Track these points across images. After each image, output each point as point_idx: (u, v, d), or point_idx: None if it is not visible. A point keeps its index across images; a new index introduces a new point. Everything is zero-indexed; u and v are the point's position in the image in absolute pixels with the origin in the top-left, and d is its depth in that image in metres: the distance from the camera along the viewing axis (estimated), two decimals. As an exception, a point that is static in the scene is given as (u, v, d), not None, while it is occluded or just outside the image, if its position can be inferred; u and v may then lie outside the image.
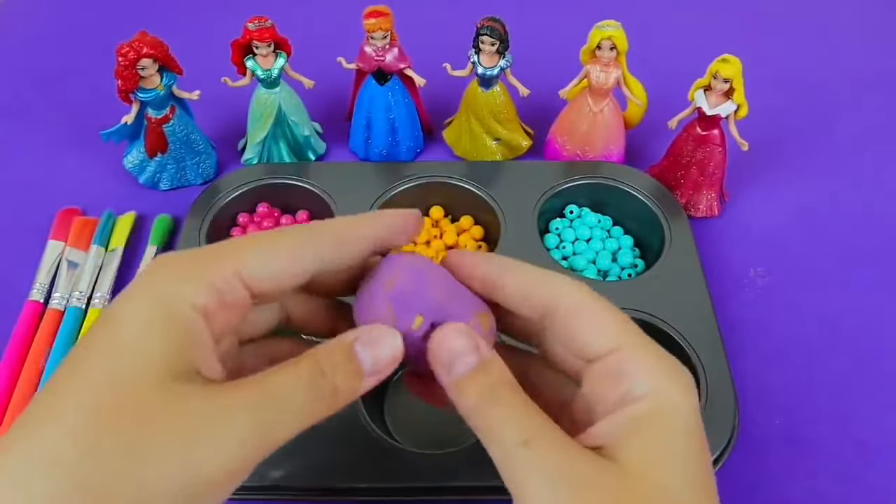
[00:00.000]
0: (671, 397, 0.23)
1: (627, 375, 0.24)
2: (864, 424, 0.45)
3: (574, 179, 0.54)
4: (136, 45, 0.50)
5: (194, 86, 0.54)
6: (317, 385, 0.23)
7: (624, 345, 0.24)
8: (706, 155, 0.53)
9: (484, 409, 0.24)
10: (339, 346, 0.24)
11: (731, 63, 0.49)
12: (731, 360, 0.45)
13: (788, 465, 0.44)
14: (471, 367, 0.24)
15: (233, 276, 0.23)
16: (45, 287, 0.50)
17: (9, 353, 0.46)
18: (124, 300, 0.23)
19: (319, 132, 0.61)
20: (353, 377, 0.24)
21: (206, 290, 0.23)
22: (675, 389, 0.23)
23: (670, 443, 0.23)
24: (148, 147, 0.55)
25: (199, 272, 0.23)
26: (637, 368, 0.24)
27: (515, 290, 0.26)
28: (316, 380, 0.23)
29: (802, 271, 0.53)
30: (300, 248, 0.25)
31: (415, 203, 0.54)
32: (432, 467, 0.39)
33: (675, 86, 0.54)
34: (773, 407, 0.46)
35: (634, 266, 0.52)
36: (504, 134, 0.58)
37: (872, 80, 0.68)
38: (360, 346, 0.24)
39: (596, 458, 0.22)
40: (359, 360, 0.24)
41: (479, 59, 0.54)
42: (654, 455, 0.22)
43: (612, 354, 0.24)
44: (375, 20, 0.52)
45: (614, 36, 0.51)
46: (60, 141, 0.62)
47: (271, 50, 0.53)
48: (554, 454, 0.22)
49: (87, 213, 0.56)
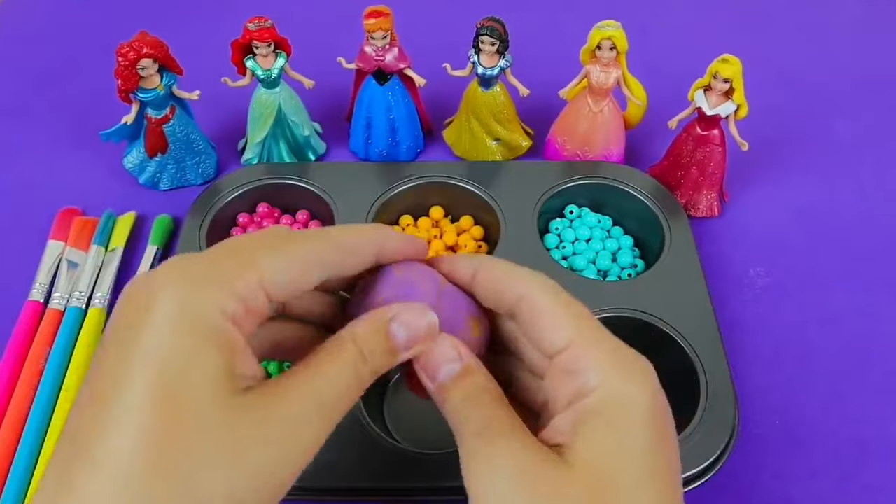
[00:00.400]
0: (622, 389, 0.23)
1: (580, 371, 0.24)
2: (864, 424, 0.45)
3: (574, 179, 0.54)
4: (136, 45, 0.50)
5: (194, 86, 0.54)
6: (359, 373, 0.24)
7: (577, 340, 0.25)
8: (706, 155, 0.53)
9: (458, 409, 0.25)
10: (377, 328, 0.25)
11: (731, 63, 0.49)
12: (731, 360, 0.45)
13: (788, 465, 0.44)
14: (453, 373, 0.25)
15: (256, 285, 0.23)
16: (45, 287, 0.50)
17: (9, 353, 0.46)
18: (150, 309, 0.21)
19: (319, 132, 0.61)
20: (388, 356, 0.25)
21: (234, 299, 0.22)
22: (626, 381, 0.24)
23: (620, 435, 0.23)
24: (148, 147, 0.55)
25: (225, 280, 0.23)
26: (588, 363, 0.24)
27: (486, 286, 0.27)
28: (358, 368, 0.24)
29: (802, 271, 0.53)
30: (312, 256, 0.25)
31: (415, 203, 0.54)
32: (432, 467, 0.39)
33: (675, 86, 0.54)
34: (773, 407, 0.46)
35: (634, 266, 0.52)
36: (504, 134, 0.58)
37: (872, 80, 0.68)
38: (396, 325, 0.25)
39: (544, 451, 0.23)
40: (395, 340, 0.25)
41: (479, 59, 0.54)
42: (600, 447, 0.23)
43: (567, 350, 0.25)
44: (375, 20, 0.52)
45: (614, 36, 0.51)
46: (60, 141, 0.62)
47: (271, 50, 0.53)
48: (503, 446, 0.23)
49: (87, 213, 0.56)
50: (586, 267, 0.51)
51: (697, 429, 0.41)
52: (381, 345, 0.25)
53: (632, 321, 0.46)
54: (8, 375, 0.45)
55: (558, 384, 0.25)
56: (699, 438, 0.40)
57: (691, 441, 0.40)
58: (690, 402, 0.42)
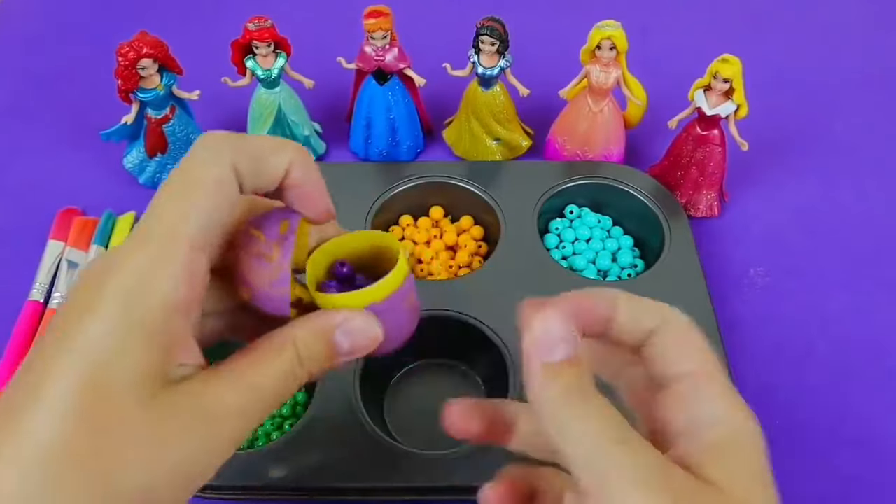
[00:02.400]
0: (748, 425, 0.24)
1: (705, 400, 0.24)
2: (864, 424, 0.45)
3: (574, 179, 0.54)
4: (136, 45, 0.50)
5: (194, 86, 0.54)
6: (295, 375, 0.24)
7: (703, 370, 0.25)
8: (706, 155, 0.53)
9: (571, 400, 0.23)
10: (321, 335, 0.25)
11: (731, 63, 0.49)
12: (731, 359, 0.45)
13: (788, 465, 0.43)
14: (567, 355, 0.24)
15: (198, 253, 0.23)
16: (45, 287, 0.50)
17: (9, 353, 0.46)
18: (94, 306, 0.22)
19: (319, 132, 0.61)
20: (327, 362, 0.25)
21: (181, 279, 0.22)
22: (749, 419, 0.25)
23: (748, 463, 0.24)
24: (148, 147, 0.55)
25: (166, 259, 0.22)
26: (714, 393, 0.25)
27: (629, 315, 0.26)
28: (295, 370, 0.24)
29: (802, 271, 0.53)
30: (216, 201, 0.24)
31: (415, 203, 0.54)
32: (432, 467, 0.39)
33: (675, 86, 0.54)
34: (773, 407, 0.46)
35: (634, 266, 0.52)
36: (504, 134, 0.58)
37: (872, 80, 0.68)
38: (341, 334, 0.25)
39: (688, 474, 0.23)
40: (337, 348, 0.25)
41: (479, 59, 0.54)
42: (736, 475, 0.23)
43: (691, 377, 0.25)
44: (375, 20, 0.52)
45: (614, 36, 0.51)
46: (60, 141, 0.62)
47: (271, 50, 0.53)
48: (653, 459, 0.22)
49: (87, 213, 0.56)
50: (586, 267, 0.51)
51: (697, 429, 0.41)
52: (321, 352, 0.25)
53: (632, 321, 0.46)
54: (8, 375, 0.45)
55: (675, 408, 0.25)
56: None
57: (691, 441, 0.40)
58: (690, 402, 0.42)
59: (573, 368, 0.24)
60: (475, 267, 0.51)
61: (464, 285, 0.48)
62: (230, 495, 0.39)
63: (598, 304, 0.26)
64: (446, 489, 0.39)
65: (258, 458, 0.39)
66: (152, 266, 0.22)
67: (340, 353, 0.25)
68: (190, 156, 0.24)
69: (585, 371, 0.24)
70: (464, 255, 0.52)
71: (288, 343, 0.24)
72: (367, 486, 0.39)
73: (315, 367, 0.25)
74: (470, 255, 0.52)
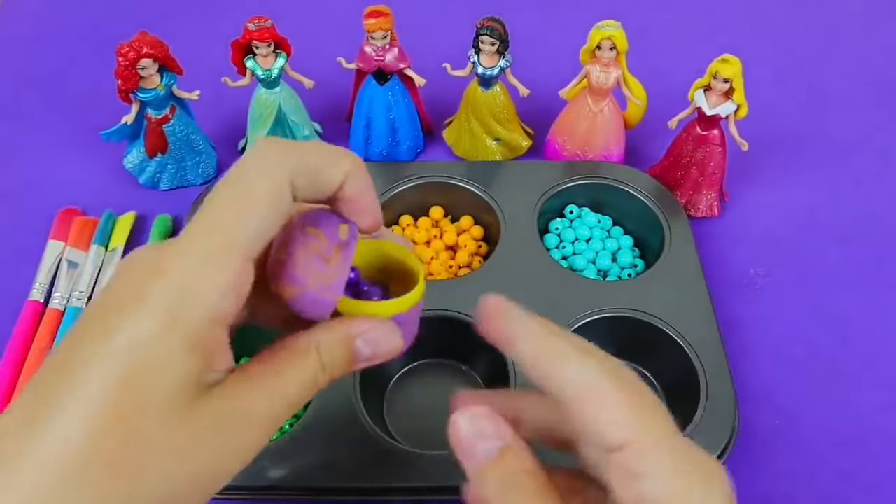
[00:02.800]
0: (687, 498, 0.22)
1: (641, 475, 0.22)
2: (864, 424, 0.45)
3: (574, 179, 0.54)
4: (136, 45, 0.50)
5: (194, 86, 0.54)
6: (316, 381, 0.25)
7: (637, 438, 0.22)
8: (706, 155, 0.53)
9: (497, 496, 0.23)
10: (342, 341, 0.25)
11: (730, 63, 0.49)
12: (731, 360, 0.45)
13: (788, 465, 0.44)
14: (491, 454, 0.24)
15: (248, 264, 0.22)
16: (45, 287, 0.50)
17: (9, 353, 0.46)
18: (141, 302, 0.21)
19: (319, 132, 0.61)
20: (347, 367, 0.26)
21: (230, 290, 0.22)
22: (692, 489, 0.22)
23: None
24: (148, 147, 0.55)
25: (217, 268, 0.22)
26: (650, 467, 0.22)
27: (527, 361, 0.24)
28: (317, 376, 0.25)
29: (802, 271, 0.53)
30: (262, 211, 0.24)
31: (415, 203, 0.54)
32: (432, 467, 0.39)
33: (675, 86, 0.54)
34: (773, 407, 0.46)
35: (634, 266, 0.52)
36: (504, 134, 0.58)
37: (872, 80, 0.68)
38: (361, 342, 0.25)
39: None
40: (357, 355, 0.25)
41: (479, 59, 0.54)
42: None
43: (626, 448, 0.22)
44: (375, 20, 0.52)
45: (614, 36, 0.51)
46: (60, 141, 0.62)
47: (271, 50, 0.53)
48: None
49: (87, 213, 0.56)
50: (586, 267, 0.51)
51: (697, 429, 0.41)
52: (343, 357, 0.25)
53: (632, 321, 0.46)
54: (8, 375, 0.45)
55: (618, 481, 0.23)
56: (699, 439, 0.40)
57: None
58: (690, 402, 0.42)
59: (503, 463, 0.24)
60: (475, 267, 0.51)
61: (464, 285, 0.48)
62: (230, 495, 0.39)
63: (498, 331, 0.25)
64: (446, 489, 0.39)
65: (258, 458, 0.39)
66: (201, 272, 0.22)
67: (360, 359, 0.26)
68: (249, 161, 0.23)
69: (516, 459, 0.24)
70: (464, 255, 0.52)
71: (312, 349, 0.25)
72: (366, 486, 0.39)
73: (336, 373, 0.25)
74: (470, 255, 0.52)
